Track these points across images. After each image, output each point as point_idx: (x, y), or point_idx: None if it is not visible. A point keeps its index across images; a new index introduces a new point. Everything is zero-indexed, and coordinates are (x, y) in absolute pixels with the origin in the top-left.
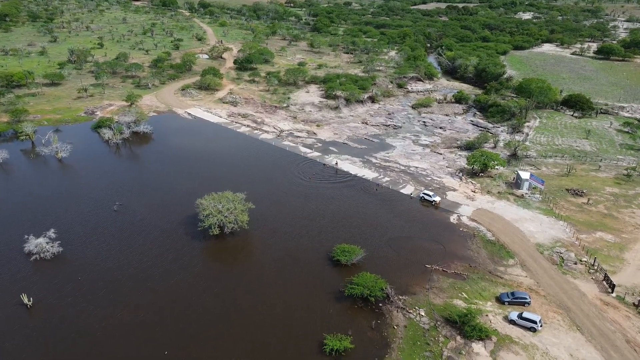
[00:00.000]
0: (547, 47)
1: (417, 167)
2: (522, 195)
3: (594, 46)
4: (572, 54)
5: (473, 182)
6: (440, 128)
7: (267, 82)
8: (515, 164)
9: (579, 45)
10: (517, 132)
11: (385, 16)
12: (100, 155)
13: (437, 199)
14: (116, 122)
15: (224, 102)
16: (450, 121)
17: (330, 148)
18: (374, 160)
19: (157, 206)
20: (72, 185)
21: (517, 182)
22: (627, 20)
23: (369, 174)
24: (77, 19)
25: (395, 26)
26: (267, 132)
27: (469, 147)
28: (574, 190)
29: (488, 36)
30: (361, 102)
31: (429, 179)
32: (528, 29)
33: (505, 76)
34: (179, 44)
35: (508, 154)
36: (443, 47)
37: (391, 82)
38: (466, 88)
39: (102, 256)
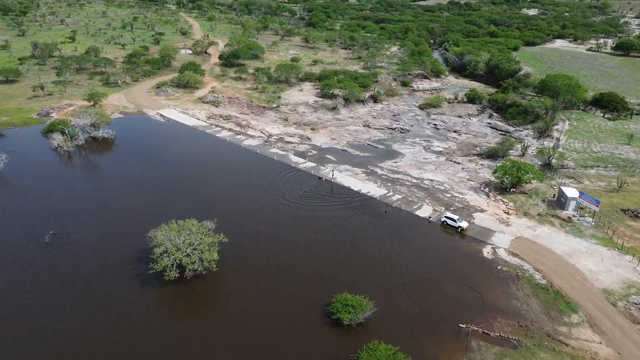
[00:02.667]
0: (559, 43)
1: (432, 180)
2: (570, 218)
3: (610, 42)
4: (587, 50)
5: (504, 200)
6: (454, 132)
7: (255, 80)
8: (550, 177)
9: (593, 41)
10: (545, 137)
11: (384, 12)
12: (45, 166)
13: (464, 224)
14: (72, 125)
15: (204, 102)
16: (464, 123)
17: (327, 156)
18: (379, 172)
19: (103, 236)
20: None
21: (560, 201)
22: (636, 17)
23: (374, 189)
24: (53, 13)
25: (395, 21)
26: (252, 137)
27: (491, 154)
28: (632, 212)
29: (496, 31)
30: (362, 101)
31: (449, 195)
32: (537, 25)
33: (521, 73)
34: (160, 38)
35: (540, 163)
36: (449, 42)
37: (394, 80)
38: (477, 86)
39: (17, 313)
